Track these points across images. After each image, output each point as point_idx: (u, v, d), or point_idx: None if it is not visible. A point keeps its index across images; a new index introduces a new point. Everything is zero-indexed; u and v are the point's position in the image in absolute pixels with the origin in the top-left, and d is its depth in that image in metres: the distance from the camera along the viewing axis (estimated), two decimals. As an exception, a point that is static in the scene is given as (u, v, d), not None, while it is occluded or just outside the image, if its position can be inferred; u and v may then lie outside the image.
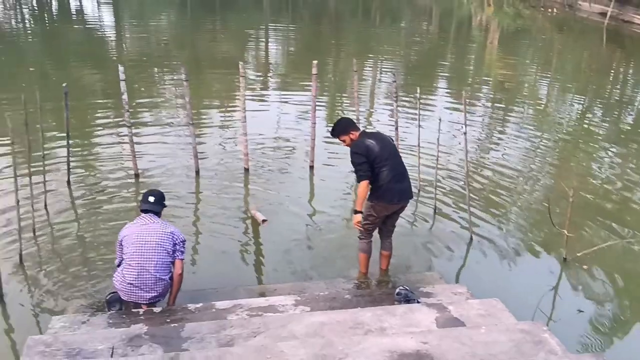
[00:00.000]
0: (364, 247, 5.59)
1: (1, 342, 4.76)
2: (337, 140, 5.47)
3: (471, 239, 6.52)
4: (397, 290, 5.04)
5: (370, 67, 17.02)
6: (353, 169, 5.28)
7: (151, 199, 4.83)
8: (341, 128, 5.35)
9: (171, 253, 4.71)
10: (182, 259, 4.80)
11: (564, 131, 11.31)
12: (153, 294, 4.67)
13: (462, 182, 7.04)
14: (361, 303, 4.98)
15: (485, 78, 16.50)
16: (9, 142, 5.76)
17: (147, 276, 4.60)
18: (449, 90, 14.40)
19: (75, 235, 6.46)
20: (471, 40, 23.99)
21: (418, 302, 4.88)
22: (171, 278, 4.77)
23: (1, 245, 5.90)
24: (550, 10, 31.09)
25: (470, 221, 6.61)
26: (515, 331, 4.08)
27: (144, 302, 4.68)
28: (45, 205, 6.86)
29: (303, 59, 15.38)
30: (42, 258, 5.94)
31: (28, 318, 5.01)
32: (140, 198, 5.47)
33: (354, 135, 5.28)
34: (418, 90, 7.48)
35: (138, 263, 4.58)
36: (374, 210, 5.32)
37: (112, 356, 3.96)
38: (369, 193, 5.22)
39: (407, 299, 4.93)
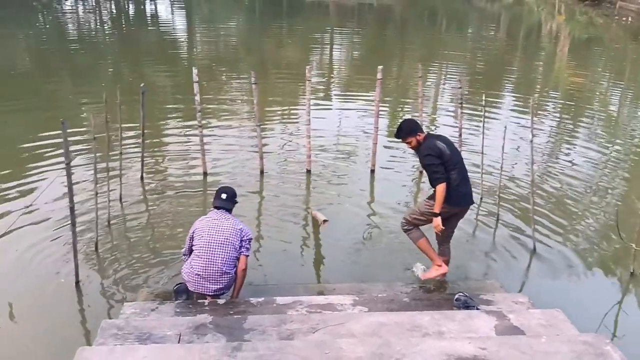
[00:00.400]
0: (416, 234, 5.42)
1: (76, 324, 5.09)
2: (398, 144, 5.48)
3: (534, 248, 6.40)
4: (457, 296, 5.03)
5: (435, 72, 16.91)
6: (427, 172, 5.20)
7: (224, 196, 5.05)
8: (408, 129, 5.25)
9: (238, 249, 4.90)
10: (247, 255, 4.99)
11: (636, 143, 10.87)
12: (218, 286, 4.87)
13: (527, 191, 6.92)
14: (419, 307, 5.01)
15: (554, 86, 16.05)
16: (90, 138, 6.12)
17: (214, 269, 4.81)
18: (515, 98, 14.11)
19: (147, 227, 6.80)
20: (540, 48, 23.38)
21: (477, 309, 4.86)
22: (236, 272, 4.96)
23: (79, 234, 6.27)
24: (624, 18, 29.86)
25: (534, 230, 6.49)
26: (577, 342, 4.00)
27: (210, 293, 4.89)
28: (120, 198, 7.25)
29: (367, 63, 15.46)
30: (116, 248, 6.29)
31: (101, 303, 5.32)
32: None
33: (420, 137, 5.22)
34: (483, 97, 7.42)
35: (207, 256, 4.80)
36: (428, 211, 5.24)
37: (179, 342, 4.17)
38: (433, 193, 5.15)
39: (467, 306, 4.92)
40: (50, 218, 6.70)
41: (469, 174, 5.37)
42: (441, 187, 5.05)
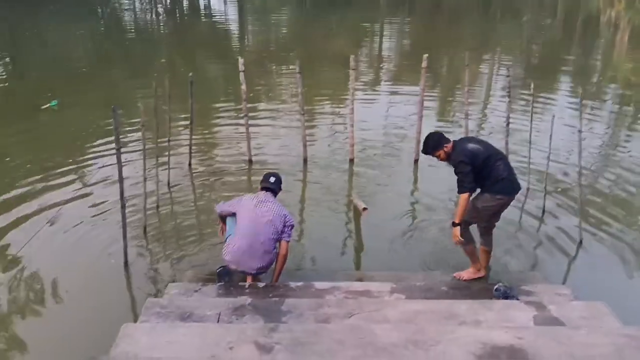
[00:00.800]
0: (467, 236, 5.28)
1: (124, 302, 5.32)
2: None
3: (581, 241, 6.23)
4: (496, 286, 4.97)
5: (487, 61, 16.56)
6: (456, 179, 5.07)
7: (272, 179, 5.23)
8: (434, 143, 5.12)
9: (279, 233, 5.01)
10: (288, 241, 5.09)
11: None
12: (260, 265, 4.98)
13: (576, 182, 6.72)
14: (457, 296, 4.97)
15: (613, 76, 15.44)
16: (140, 126, 6.35)
17: (257, 247, 4.93)
18: (570, 87, 13.66)
19: (193, 212, 7.01)
20: (598, 37, 22.49)
21: (517, 299, 4.79)
22: (276, 255, 5.06)
23: (128, 218, 6.52)
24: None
25: (581, 222, 6.31)
26: (618, 335, 3.90)
27: (251, 271, 5.00)
28: (169, 183, 7.49)
29: (417, 52, 15.29)
30: (163, 231, 6.51)
31: (147, 283, 5.54)
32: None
33: (448, 147, 5.08)
34: (532, 86, 7.23)
35: (251, 235, 4.92)
36: (492, 202, 5.07)
37: (218, 321, 4.31)
38: (487, 187, 5.03)
39: (506, 296, 4.86)
40: (102, 201, 7.00)
41: (516, 163, 5.22)
42: (464, 197, 4.95)
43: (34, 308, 5.10)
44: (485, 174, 5.01)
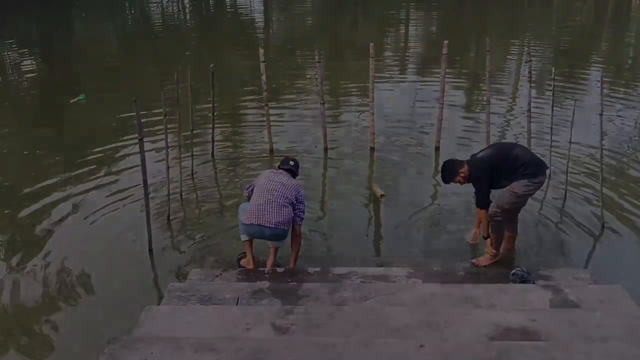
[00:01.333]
0: (504, 226, 5.37)
1: (148, 286, 5.48)
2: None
3: (603, 225, 6.16)
4: (514, 270, 4.98)
5: (515, 47, 16.35)
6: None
7: (291, 162, 5.45)
8: (450, 172, 5.28)
9: (293, 202, 5.13)
10: (300, 225, 5.23)
11: None
12: (278, 219, 5.02)
13: (598, 167, 6.64)
14: (474, 280, 4.99)
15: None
16: (162, 117, 6.50)
17: (273, 201, 5.05)
18: (598, 72, 13.40)
19: (216, 201, 7.15)
20: (630, 21, 21.92)
21: (534, 283, 4.80)
22: (291, 219, 5.14)
23: (153, 206, 6.70)
24: None
25: (602, 207, 6.24)
26: (633, 317, 3.90)
27: (269, 225, 5.01)
28: (192, 173, 7.65)
29: (441, 39, 15.20)
30: (186, 219, 6.67)
31: (171, 269, 5.68)
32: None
33: (464, 171, 5.20)
34: (553, 71, 7.15)
35: (266, 191, 5.10)
36: (531, 186, 5.08)
37: (237, 304, 4.43)
38: (520, 175, 5.05)
39: (523, 280, 4.87)
40: (126, 189, 7.21)
41: (538, 148, 5.22)
42: (482, 212, 5.21)
43: (61, 292, 5.30)
44: (510, 167, 5.08)
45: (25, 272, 5.60)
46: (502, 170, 5.11)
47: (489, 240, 5.39)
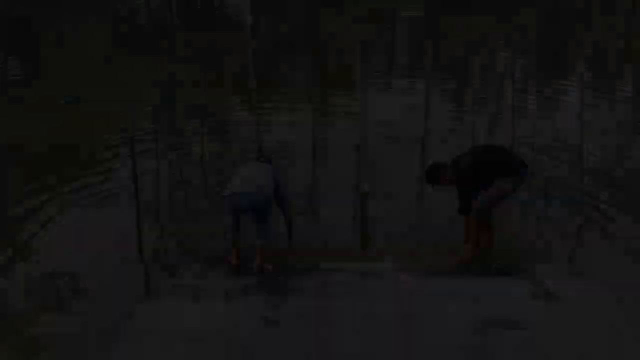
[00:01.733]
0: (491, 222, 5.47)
1: (139, 284, 5.53)
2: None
3: (585, 221, 6.30)
4: (494, 265, 5.13)
5: (503, 47, 16.55)
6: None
7: (266, 155, 5.82)
8: (432, 177, 5.41)
9: (271, 182, 5.28)
10: (289, 200, 5.67)
11: None
12: (257, 198, 5.10)
13: (589, 162, 6.75)
14: (459, 275, 5.11)
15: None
16: (151, 116, 6.56)
17: (250, 178, 5.21)
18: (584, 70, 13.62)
19: (205, 202, 7.21)
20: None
21: (516, 276, 4.94)
22: (272, 197, 5.27)
23: (143, 204, 6.75)
24: None
25: (584, 203, 6.38)
26: (611, 311, 4.04)
27: (249, 191, 5.10)
28: (181, 171, 7.71)
29: (431, 41, 15.34)
30: (176, 217, 6.72)
31: (161, 266, 5.73)
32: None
33: (448, 177, 5.33)
34: (534, 69, 7.30)
35: (243, 173, 5.33)
36: (518, 181, 5.26)
37: (226, 299, 4.53)
38: (506, 172, 5.18)
39: (505, 274, 5.01)
40: (116, 187, 7.24)
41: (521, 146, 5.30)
42: (465, 219, 5.30)
43: (50, 292, 5.31)
44: (494, 167, 5.21)
45: (13, 274, 5.64)
46: (485, 171, 5.24)
47: (468, 245, 5.53)
